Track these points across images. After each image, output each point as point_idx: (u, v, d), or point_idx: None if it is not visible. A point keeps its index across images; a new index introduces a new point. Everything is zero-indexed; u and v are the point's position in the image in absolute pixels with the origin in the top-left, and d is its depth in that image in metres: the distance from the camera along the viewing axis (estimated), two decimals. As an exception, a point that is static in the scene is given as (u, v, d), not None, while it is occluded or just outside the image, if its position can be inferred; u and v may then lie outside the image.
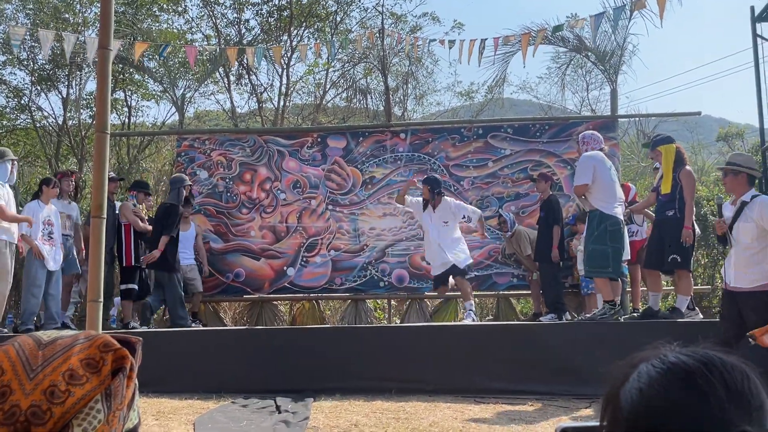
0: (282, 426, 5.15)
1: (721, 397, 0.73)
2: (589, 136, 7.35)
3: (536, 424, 5.31)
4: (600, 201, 6.92)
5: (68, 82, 16.26)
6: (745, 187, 5.76)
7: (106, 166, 3.56)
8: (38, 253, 7.64)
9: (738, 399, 0.74)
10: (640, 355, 0.82)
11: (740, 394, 0.74)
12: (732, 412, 0.72)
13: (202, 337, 7.46)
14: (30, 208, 7.78)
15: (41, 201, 7.88)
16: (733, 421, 0.72)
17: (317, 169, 9.95)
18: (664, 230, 6.90)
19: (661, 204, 7.05)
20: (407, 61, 17.18)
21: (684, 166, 6.91)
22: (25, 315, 7.70)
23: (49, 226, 7.86)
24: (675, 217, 6.78)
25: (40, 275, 7.68)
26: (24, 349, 0.82)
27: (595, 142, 7.24)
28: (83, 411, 0.78)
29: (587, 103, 18.97)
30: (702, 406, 0.73)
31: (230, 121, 17.71)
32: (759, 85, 8.59)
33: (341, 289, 9.80)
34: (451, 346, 6.83)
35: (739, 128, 23.20)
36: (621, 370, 0.83)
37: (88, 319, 3.46)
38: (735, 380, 0.75)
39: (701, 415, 0.73)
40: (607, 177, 6.98)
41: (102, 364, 0.82)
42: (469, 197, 9.65)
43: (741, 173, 5.76)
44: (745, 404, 0.73)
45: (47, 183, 8.01)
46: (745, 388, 0.75)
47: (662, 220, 6.99)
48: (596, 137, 7.34)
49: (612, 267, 6.92)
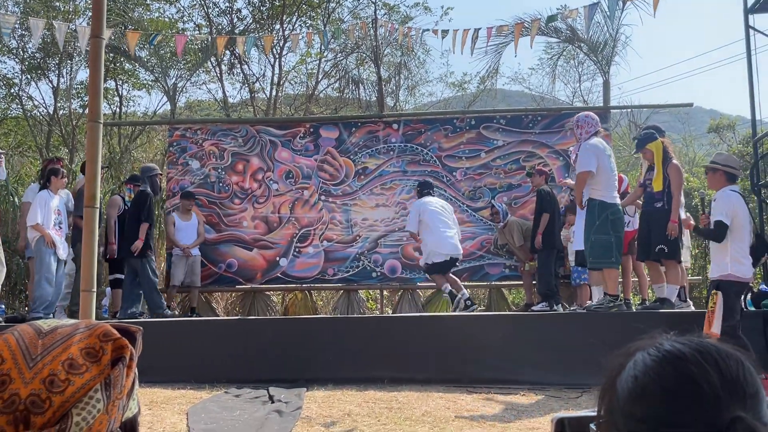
0: (275, 415, 5.17)
1: (715, 384, 0.74)
2: (583, 119, 7.11)
3: (529, 413, 5.34)
4: (601, 190, 6.85)
5: (59, 71, 16.17)
6: (722, 183, 6.00)
7: (99, 157, 3.55)
8: (51, 242, 7.74)
9: (732, 386, 0.74)
10: (637, 344, 0.83)
11: (734, 381, 0.75)
12: (726, 398, 0.73)
13: (195, 327, 7.46)
14: (42, 198, 7.85)
15: (50, 191, 7.97)
16: (727, 407, 0.72)
17: (310, 160, 9.94)
18: (652, 222, 7.03)
19: (649, 196, 7.17)
20: (399, 52, 17.15)
21: (671, 160, 7.01)
22: (37, 303, 7.69)
23: (59, 216, 7.97)
24: (663, 208, 6.94)
25: (53, 264, 7.77)
26: (24, 338, 0.82)
27: (590, 125, 7.02)
28: (83, 400, 0.78)
29: (579, 95, 19.02)
30: (695, 393, 0.74)
31: (222, 111, 17.65)
32: (751, 76, 8.62)
33: (334, 280, 9.80)
34: (444, 336, 6.85)
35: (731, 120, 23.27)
36: (618, 359, 0.83)
37: (81, 309, 3.46)
38: (729, 367, 0.76)
39: (695, 401, 0.73)
40: (608, 166, 6.93)
41: (102, 354, 0.82)
42: (462, 188, 9.67)
43: (718, 170, 6.02)
44: (740, 391, 0.74)
45: (56, 173, 8.05)
46: (739, 375, 0.75)
47: (650, 212, 7.13)
48: (591, 119, 7.10)
49: (615, 256, 6.89)
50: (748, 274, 5.88)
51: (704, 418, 0.72)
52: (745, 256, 5.83)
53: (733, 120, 23.12)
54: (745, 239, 5.86)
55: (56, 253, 7.82)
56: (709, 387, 0.74)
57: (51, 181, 8.01)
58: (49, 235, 7.73)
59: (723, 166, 6.01)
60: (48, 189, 7.98)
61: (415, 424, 4.95)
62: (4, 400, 0.76)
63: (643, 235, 7.19)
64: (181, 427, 4.94)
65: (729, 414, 0.71)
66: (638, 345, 0.83)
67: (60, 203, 8.07)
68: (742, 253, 5.82)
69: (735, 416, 0.71)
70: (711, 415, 0.72)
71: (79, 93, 16.87)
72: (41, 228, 7.71)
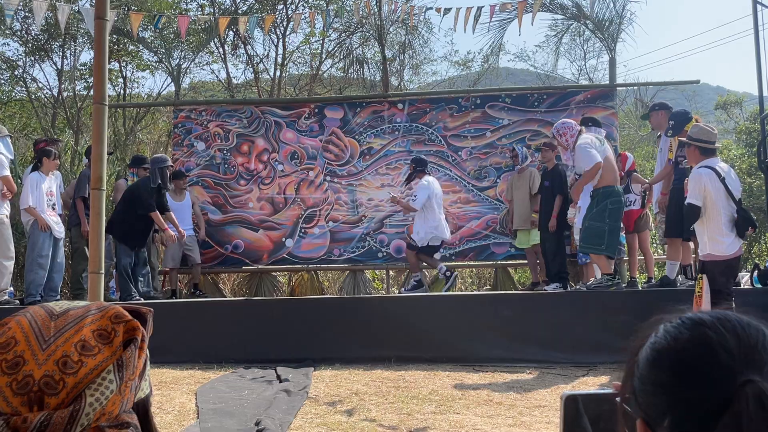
0: (283, 395, 5.21)
1: (732, 350, 0.74)
2: (561, 127, 7.31)
3: (534, 391, 5.37)
4: (604, 179, 6.92)
5: (62, 52, 16.13)
6: (697, 158, 5.77)
7: (104, 138, 3.55)
8: (45, 225, 7.69)
9: (749, 353, 0.74)
10: (662, 316, 0.83)
11: (752, 348, 0.74)
12: (741, 363, 0.73)
13: (203, 308, 7.50)
14: (32, 180, 7.77)
15: (41, 172, 7.87)
16: (741, 372, 0.72)
17: (315, 140, 9.92)
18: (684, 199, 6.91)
19: (681, 172, 7.03)
20: (404, 31, 17.04)
21: None
22: (31, 287, 7.67)
23: (51, 197, 7.92)
24: None
25: (46, 246, 7.74)
26: (36, 319, 0.82)
27: (571, 128, 7.23)
28: (96, 381, 0.79)
29: (585, 72, 18.89)
30: (711, 357, 0.74)
31: (226, 92, 17.60)
32: (758, 52, 8.53)
33: (340, 260, 9.83)
34: (450, 316, 6.88)
35: (738, 96, 23.13)
36: (642, 331, 0.84)
37: (89, 291, 3.48)
38: (749, 335, 0.75)
39: (710, 365, 0.73)
40: (606, 156, 6.98)
41: (114, 335, 0.83)
42: (467, 167, 9.64)
43: (692, 145, 5.78)
44: (757, 359, 0.73)
45: (47, 155, 7.96)
46: (758, 343, 0.75)
47: (682, 189, 6.98)
48: (567, 124, 7.34)
49: (606, 245, 6.88)
50: (729, 251, 5.62)
51: (718, 383, 0.72)
52: (721, 234, 5.60)
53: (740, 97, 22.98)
54: (721, 216, 5.60)
55: (52, 235, 7.79)
56: (726, 352, 0.74)
57: (42, 162, 7.89)
58: (43, 219, 7.67)
59: (694, 141, 5.77)
60: (39, 170, 7.86)
61: (421, 402, 4.98)
62: (18, 382, 0.77)
63: (673, 212, 7.03)
64: (190, 406, 4.99)
65: (742, 378, 0.71)
66: (663, 317, 0.83)
67: (54, 184, 7.98)
68: (718, 231, 5.61)
69: (746, 379, 0.71)
70: (725, 381, 0.72)
71: (83, 74, 16.83)
72: (34, 211, 7.65)
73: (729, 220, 5.63)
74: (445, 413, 4.67)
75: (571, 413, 0.91)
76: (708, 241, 5.65)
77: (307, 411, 4.82)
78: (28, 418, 0.74)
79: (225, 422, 4.49)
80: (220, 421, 4.52)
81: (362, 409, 4.82)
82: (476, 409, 4.80)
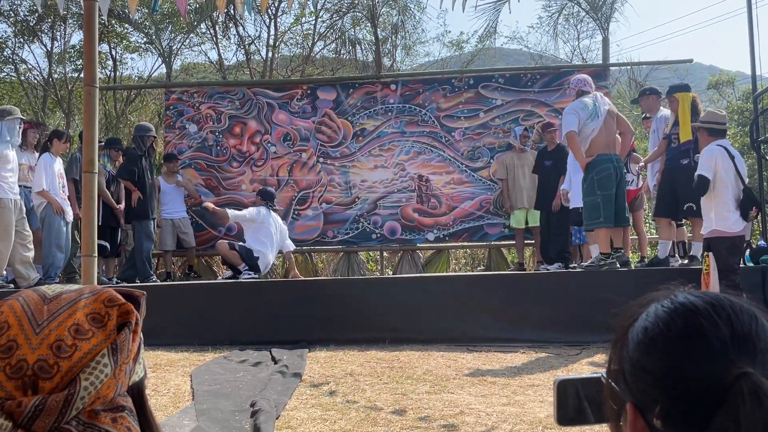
0: (278, 376, 5.22)
1: (725, 339, 0.73)
2: (573, 82, 7.24)
3: (529, 370, 5.40)
4: (593, 149, 6.79)
5: (52, 34, 15.97)
6: (707, 140, 6.01)
7: (95, 121, 3.53)
8: (59, 208, 7.56)
9: (743, 341, 0.73)
10: (653, 294, 0.82)
11: (746, 336, 0.73)
12: (735, 353, 0.72)
13: (197, 290, 7.50)
14: (45, 162, 7.54)
15: (52, 153, 7.67)
16: (735, 362, 0.71)
17: (307, 122, 9.88)
18: (677, 178, 6.91)
19: (674, 152, 7.03)
20: (396, 11, 16.93)
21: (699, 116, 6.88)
22: (51, 270, 7.57)
23: (62, 179, 7.75)
24: (690, 165, 6.72)
25: (63, 229, 7.65)
26: (29, 303, 0.82)
27: (573, 85, 7.17)
28: (90, 365, 0.78)
29: (578, 52, 18.84)
30: (703, 347, 0.73)
31: (218, 73, 17.48)
32: (751, 31, 8.51)
33: (334, 242, 9.83)
34: (444, 296, 6.90)
35: (730, 75, 23.12)
36: (632, 309, 0.82)
37: (83, 274, 3.47)
38: (742, 322, 0.74)
39: (702, 355, 0.73)
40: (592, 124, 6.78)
41: (107, 319, 0.82)
42: (461, 148, 9.64)
43: (701, 128, 6.09)
44: (750, 347, 0.73)
45: (59, 136, 7.80)
46: (752, 331, 0.74)
47: (675, 168, 6.98)
48: (577, 80, 7.18)
49: (603, 216, 6.76)
50: (735, 228, 5.81)
51: (711, 373, 0.71)
52: (729, 210, 5.78)
53: (732, 76, 22.97)
54: (729, 193, 5.80)
55: (65, 218, 7.69)
56: (719, 342, 0.73)
57: (53, 143, 7.70)
58: (57, 202, 7.53)
59: (703, 123, 6.06)
60: (49, 152, 7.65)
61: (416, 382, 5.01)
62: (12, 366, 0.77)
63: (666, 192, 7.06)
64: (185, 388, 5.00)
65: (737, 370, 0.70)
66: (654, 296, 0.82)
67: (61, 166, 7.84)
68: (725, 207, 5.78)
69: (741, 372, 0.70)
70: (718, 371, 0.71)
71: (71, 57, 16.68)
72: (48, 195, 7.48)
73: (735, 199, 5.82)
74: (440, 393, 4.70)
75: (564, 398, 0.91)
76: (714, 217, 5.81)
77: (302, 392, 4.84)
78: (23, 402, 0.74)
79: (220, 404, 4.50)
80: (215, 402, 4.53)
81: (357, 389, 4.85)
82: (470, 388, 4.82)
